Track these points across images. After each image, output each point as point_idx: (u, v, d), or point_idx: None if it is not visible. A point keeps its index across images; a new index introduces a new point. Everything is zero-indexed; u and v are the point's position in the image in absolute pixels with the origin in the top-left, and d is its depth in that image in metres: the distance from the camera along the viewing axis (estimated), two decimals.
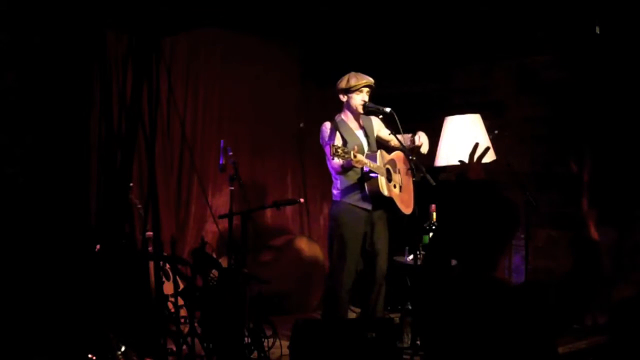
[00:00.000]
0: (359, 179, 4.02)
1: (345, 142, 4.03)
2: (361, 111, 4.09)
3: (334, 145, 3.67)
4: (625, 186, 4.64)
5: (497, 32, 5.22)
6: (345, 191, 4.07)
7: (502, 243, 1.90)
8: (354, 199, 4.04)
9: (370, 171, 3.94)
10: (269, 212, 5.80)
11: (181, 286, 3.82)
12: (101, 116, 3.54)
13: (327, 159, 4.09)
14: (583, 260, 1.78)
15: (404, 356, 3.87)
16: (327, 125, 4.09)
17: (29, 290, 3.30)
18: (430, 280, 1.94)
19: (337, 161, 3.91)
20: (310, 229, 6.12)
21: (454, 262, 2.00)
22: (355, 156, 3.68)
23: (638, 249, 4.66)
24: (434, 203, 4.58)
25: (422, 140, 4.12)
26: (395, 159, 4.24)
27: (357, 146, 3.97)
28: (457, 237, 1.89)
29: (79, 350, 3.14)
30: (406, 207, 4.20)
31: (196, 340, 3.62)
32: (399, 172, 4.24)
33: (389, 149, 4.28)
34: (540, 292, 1.80)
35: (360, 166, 3.82)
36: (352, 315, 4.94)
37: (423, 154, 4.16)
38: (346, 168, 3.94)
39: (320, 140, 4.12)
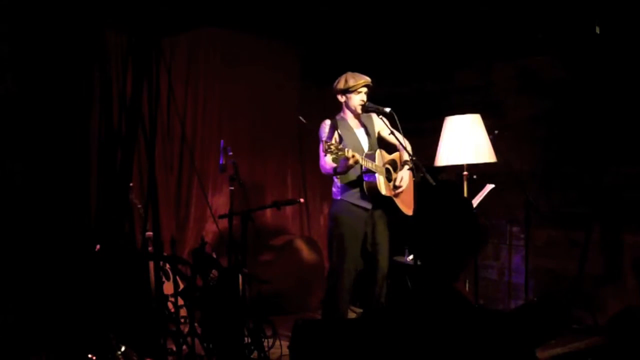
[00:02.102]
0: (358, 178, 4.02)
1: (341, 141, 4.00)
2: (360, 111, 4.08)
3: (326, 142, 3.63)
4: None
5: (497, 32, 5.22)
6: (345, 189, 4.06)
7: (467, 257, 1.94)
8: (354, 197, 4.03)
9: (369, 170, 3.93)
10: (269, 212, 5.80)
11: (181, 286, 3.82)
12: (101, 116, 3.54)
13: (320, 157, 4.06)
14: None
15: None
16: (327, 123, 4.08)
17: (29, 290, 3.30)
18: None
19: (329, 160, 3.90)
20: (310, 229, 6.12)
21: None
22: (349, 152, 3.67)
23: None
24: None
25: (404, 177, 4.09)
26: (397, 159, 4.23)
27: (355, 146, 3.96)
28: (429, 242, 1.91)
29: (79, 350, 3.14)
30: (407, 207, 4.18)
31: (196, 340, 3.62)
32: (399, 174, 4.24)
33: (392, 149, 4.27)
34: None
35: (353, 162, 3.74)
36: (352, 315, 4.94)
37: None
38: (338, 171, 3.89)
39: (320, 136, 4.09)
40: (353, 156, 3.70)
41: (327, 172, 4.03)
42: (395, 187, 4.10)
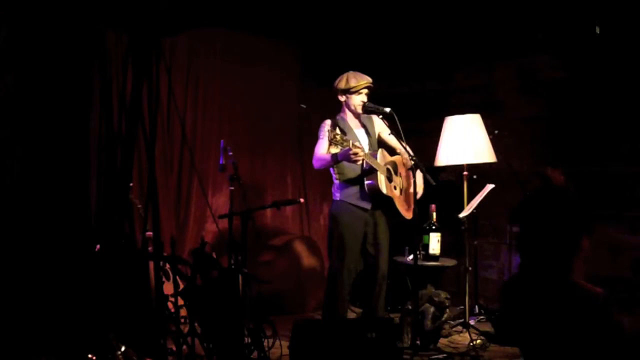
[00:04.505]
0: (357, 177, 4.02)
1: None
2: (360, 111, 4.08)
3: (332, 131, 3.64)
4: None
5: (497, 32, 5.22)
6: (345, 190, 4.06)
7: (571, 243, 1.95)
8: (353, 198, 4.04)
9: (369, 170, 3.93)
10: (269, 212, 5.80)
11: (181, 286, 3.82)
12: (101, 116, 3.54)
13: (314, 152, 4.05)
14: None
15: (404, 356, 3.87)
16: (327, 123, 4.08)
17: (29, 291, 3.30)
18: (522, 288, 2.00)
19: (324, 148, 3.90)
20: (310, 229, 6.12)
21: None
22: (352, 143, 3.67)
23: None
24: (434, 203, 4.58)
25: (418, 182, 4.05)
26: (397, 162, 4.23)
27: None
28: (535, 241, 1.96)
29: (79, 350, 3.14)
30: (406, 211, 4.18)
31: (196, 340, 3.62)
32: (400, 176, 4.23)
33: (392, 151, 4.27)
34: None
35: (358, 152, 3.70)
36: (352, 315, 4.94)
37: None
38: (339, 159, 3.86)
39: (319, 135, 4.09)
40: (356, 146, 3.69)
41: (320, 164, 4.00)
42: (406, 185, 4.14)
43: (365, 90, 4.06)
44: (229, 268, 3.82)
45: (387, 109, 3.93)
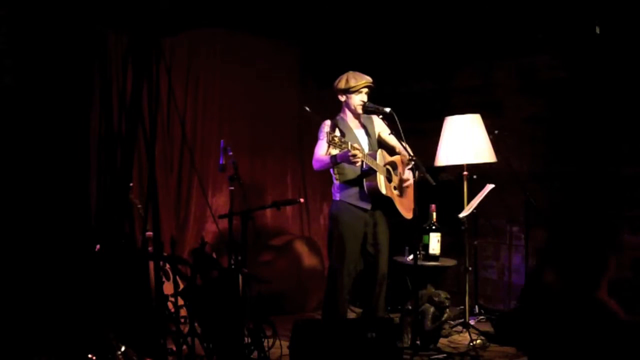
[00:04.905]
0: (357, 178, 4.02)
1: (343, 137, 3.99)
2: (360, 111, 4.08)
3: (330, 133, 3.64)
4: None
5: (497, 32, 5.22)
6: (345, 191, 4.06)
7: (599, 262, 1.97)
8: (353, 198, 4.04)
9: (369, 171, 3.93)
10: (269, 212, 5.80)
11: (181, 286, 3.82)
12: (101, 116, 3.54)
13: (314, 152, 4.06)
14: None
15: (404, 356, 3.87)
16: (327, 123, 4.09)
17: (29, 291, 3.30)
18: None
19: (324, 156, 3.90)
20: (310, 229, 6.12)
21: None
22: (351, 145, 3.66)
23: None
24: (434, 203, 4.58)
25: (409, 177, 4.09)
26: (397, 162, 4.23)
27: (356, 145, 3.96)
28: (565, 257, 1.98)
29: (79, 350, 3.14)
30: (406, 211, 4.17)
31: (196, 340, 3.62)
32: (400, 176, 4.23)
33: (392, 151, 4.27)
34: None
35: (357, 154, 3.69)
36: (352, 315, 4.95)
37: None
38: (338, 160, 3.87)
39: (318, 136, 4.10)
40: (355, 148, 3.69)
41: (320, 165, 4.01)
42: (402, 181, 4.12)
43: (365, 90, 4.06)
44: (229, 268, 3.82)
45: (387, 109, 3.93)
